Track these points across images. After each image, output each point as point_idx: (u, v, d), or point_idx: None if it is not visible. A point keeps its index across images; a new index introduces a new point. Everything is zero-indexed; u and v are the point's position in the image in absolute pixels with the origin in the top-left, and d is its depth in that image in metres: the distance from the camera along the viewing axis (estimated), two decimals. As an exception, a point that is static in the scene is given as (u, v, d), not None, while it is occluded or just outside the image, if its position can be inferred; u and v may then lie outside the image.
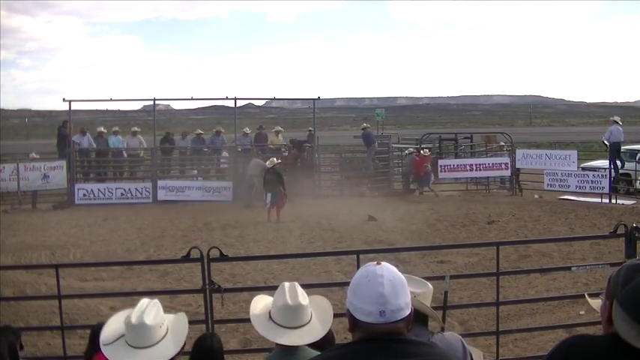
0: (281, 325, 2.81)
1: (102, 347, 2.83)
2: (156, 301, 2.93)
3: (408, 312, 2.06)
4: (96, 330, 3.49)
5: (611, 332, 1.98)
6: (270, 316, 2.87)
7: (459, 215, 15.92)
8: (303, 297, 2.87)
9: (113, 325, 2.90)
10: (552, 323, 7.59)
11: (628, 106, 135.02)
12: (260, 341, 7.23)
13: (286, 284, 2.92)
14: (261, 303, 2.99)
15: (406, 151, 21.09)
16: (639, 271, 1.96)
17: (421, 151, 20.31)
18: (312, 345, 2.87)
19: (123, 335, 2.84)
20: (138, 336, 2.79)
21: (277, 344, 2.85)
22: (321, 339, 2.91)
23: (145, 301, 2.89)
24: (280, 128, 22.65)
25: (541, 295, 8.65)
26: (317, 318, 2.88)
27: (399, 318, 2.03)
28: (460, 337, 3.01)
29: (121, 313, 2.96)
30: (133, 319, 2.80)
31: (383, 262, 2.10)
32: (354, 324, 2.07)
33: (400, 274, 2.10)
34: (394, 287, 2.03)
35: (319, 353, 2.53)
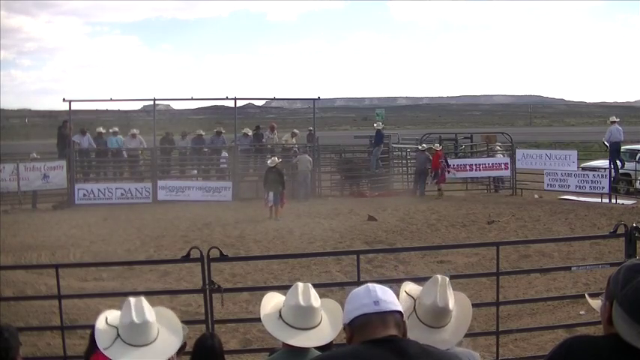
0: (291, 326, 2.80)
1: (104, 351, 2.81)
2: (142, 297, 2.89)
3: (399, 308, 2.16)
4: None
5: (611, 333, 1.98)
6: (280, 315, 2.85)
7: (459, 215, 15.91)
8: (315, 299, 2.84)
9: (101, 327, 2.87)
10: (552, 323, 7.59)
11: (628, 106, 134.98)
12: (260, 341, 7.24)
13: (300, 284, 2.88)
14: (272, 301, 2.96)
15: (419, 147, 20.77)
16: (639, 272, 1.96)
17: (434, 146, 20.32)
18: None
19: (117, 336, 2.81)
20: (140, 334, 2.77)
21: (284, 344, 2.84)
22: None
23: (133, 300, 2.85)
24: (297, 131, 22.93)
25: (541, 295, 8.65)
26: (327, 321, 2.86)
27: (393, 308, 2.12)
28: (478, 354, 2.94)
29: (102, 315, 2.92)
30: (136, 319, 2.77)
31: None
32: (352, 329, 2.13)
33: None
34: (384, 292, 2.17)
35: (320, 353, 2.53)
